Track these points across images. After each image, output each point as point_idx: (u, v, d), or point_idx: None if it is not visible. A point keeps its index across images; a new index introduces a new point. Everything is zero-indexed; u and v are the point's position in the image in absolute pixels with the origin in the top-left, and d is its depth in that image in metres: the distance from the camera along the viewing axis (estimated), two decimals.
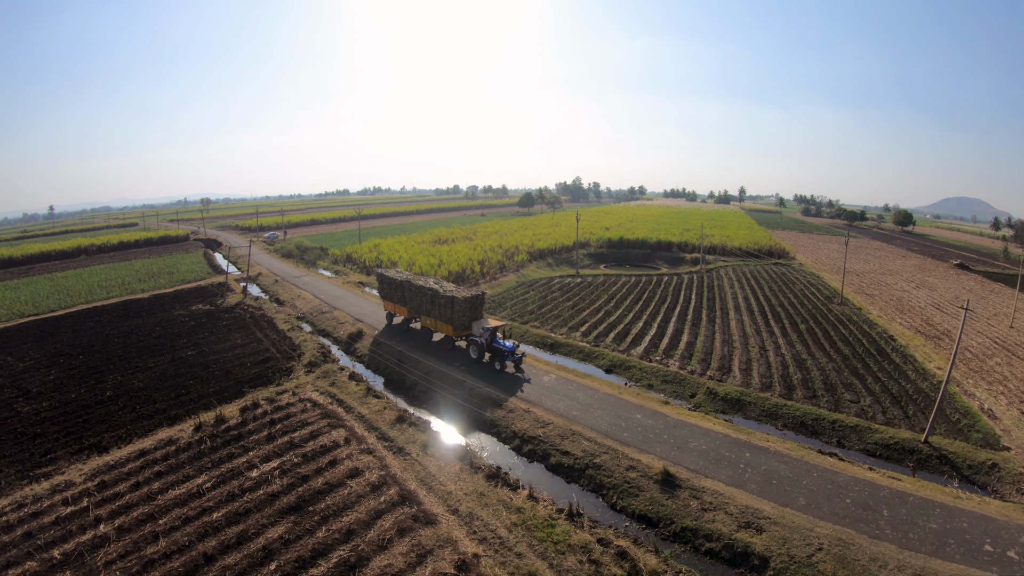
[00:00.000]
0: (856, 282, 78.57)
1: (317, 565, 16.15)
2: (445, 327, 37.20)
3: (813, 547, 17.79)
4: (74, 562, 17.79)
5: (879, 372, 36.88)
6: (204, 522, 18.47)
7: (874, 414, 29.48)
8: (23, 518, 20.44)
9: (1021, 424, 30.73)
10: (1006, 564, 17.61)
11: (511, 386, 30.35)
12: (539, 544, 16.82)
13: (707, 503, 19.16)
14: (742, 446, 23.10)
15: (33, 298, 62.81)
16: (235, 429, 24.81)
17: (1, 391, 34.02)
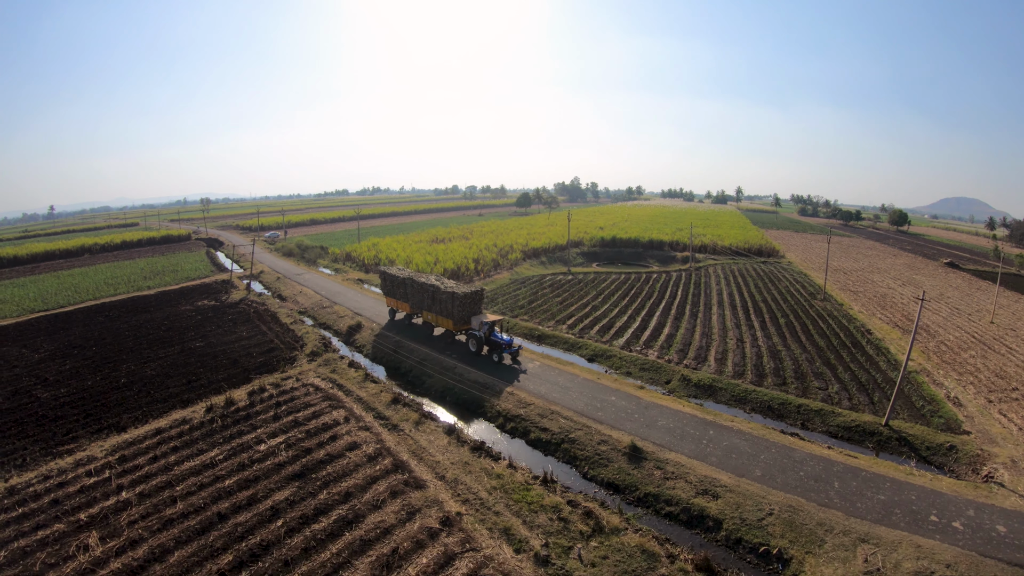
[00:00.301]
0: (843, 279, 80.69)
1: (319, 521, 18.33)
2: (445, 322, 38.87)
3: (764, 512, 19.95)
4: (99, 523, 19.93)
5: (851, 362, 39.05)
6: (217, 488, 20.66)
7: (840, 400, 31.62)
8: (50, 488, 22.57)
9: (985, 411, 32.77)
10: (950, 533, 19.63)
11: (498, 372, 32.60)
12: (515, 504, 19.03)
13: (669, 473, 21.36)
14: (707, 425, 25.33)
15: (41, 295, 64.87)
16: (244, 410, 27.03)
17: (20, 379, 36.08)
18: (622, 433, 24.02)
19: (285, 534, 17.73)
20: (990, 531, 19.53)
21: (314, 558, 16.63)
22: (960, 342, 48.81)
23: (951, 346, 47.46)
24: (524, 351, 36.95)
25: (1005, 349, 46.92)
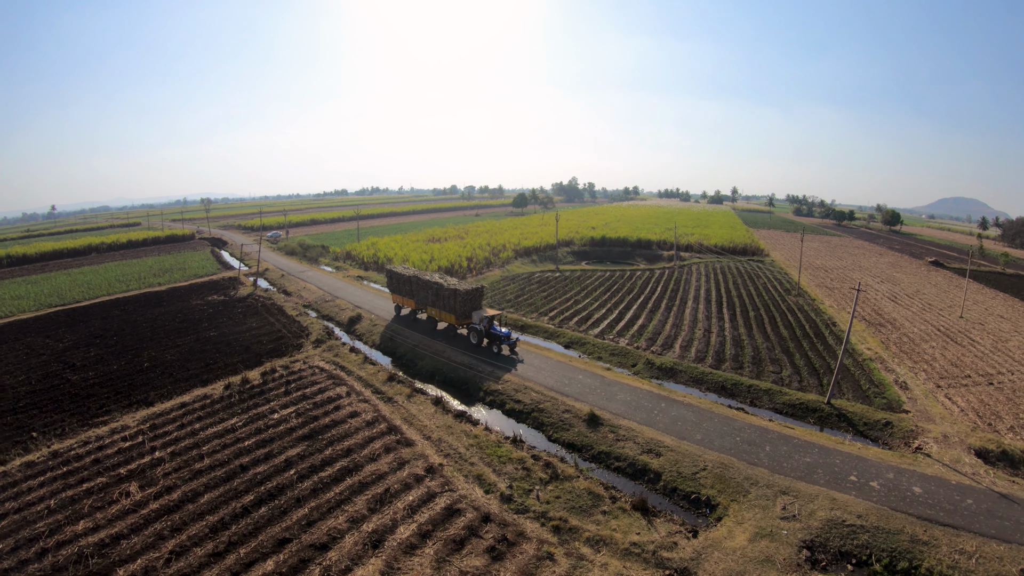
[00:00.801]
0: (822, 277, 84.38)
1: (325, 470, 22.19)
2: (448, 316, 41.96)
3: (699, 467, 23.76)
4: (138, 475, 23.76)
5: (809, 351, 42.78)
6: (238, 447, 24.50)
7: (790, 382, 35.37)
8: (90, 451, 26.37)
9: (930, 395, 36.33)
10: (865, 490, 23.29)
11: (481, 355, 36.51)
12: (487, 458, 22.89)
13: (620, 435, 25.22)
14: (661, 399, 29.20)
15: (56, 291, 68.58)
16: (258, 387, 30.90)
17: (48, 365, 39.87)
18: (584, 404, 27.94)
19: (297, 479, 21.60)
20: (906, 491, 23.12)
21: (321, 496, 20.48)
22: (924, 334, 52.30)
23: (913, 338, 50.94)
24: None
25: (967, 341, 50.43)
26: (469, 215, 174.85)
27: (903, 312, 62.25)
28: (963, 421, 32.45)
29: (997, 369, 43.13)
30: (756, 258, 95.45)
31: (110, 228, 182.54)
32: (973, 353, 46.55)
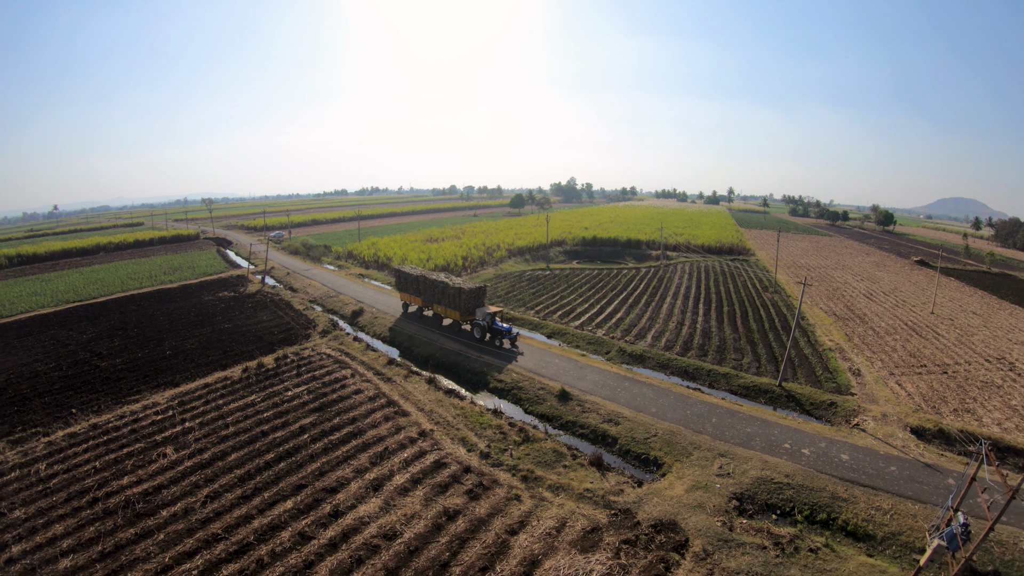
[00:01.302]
0: (804, 275, 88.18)
1: (333, 435, 26.32)
2: (453, 313, 45.13)
3: (650, 434, 27.84)
4: (172, 441, 27.81)
5: (774, 342, 46.76)
6: (258, 417, 28.60)
7: (749, 368, 39.38)
8: (126, 423, 30.42)
9: (881, 381, 40.12)
10: (796, 456, 27.20)
11: (468, 342, 40.62)
12: (471, 425, 27.03)
13: (586, 408, 29.33)
14: (625, 380, 33.31)
15: (71, 287, 72.61)
16: (272, 370, 35.04)
17: (76, 354, 43.89)
18: (557, 383, 32.10)
19: (310, 441, 25.71)
20: (834, 457, 27.05)
21: (330, 454, 24.59)
22: (890, 328, 56.10)
23: (878, 331, 54.78)
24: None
25: (932, 335, 54.21)
26: (467, 215, 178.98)
27: (875, 308, 65.99)
28: (907, 404, 36.23)
29: (955, 360, 46.89)
30: (741, 257, 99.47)
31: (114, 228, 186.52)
32: (935, 345, 50.21)
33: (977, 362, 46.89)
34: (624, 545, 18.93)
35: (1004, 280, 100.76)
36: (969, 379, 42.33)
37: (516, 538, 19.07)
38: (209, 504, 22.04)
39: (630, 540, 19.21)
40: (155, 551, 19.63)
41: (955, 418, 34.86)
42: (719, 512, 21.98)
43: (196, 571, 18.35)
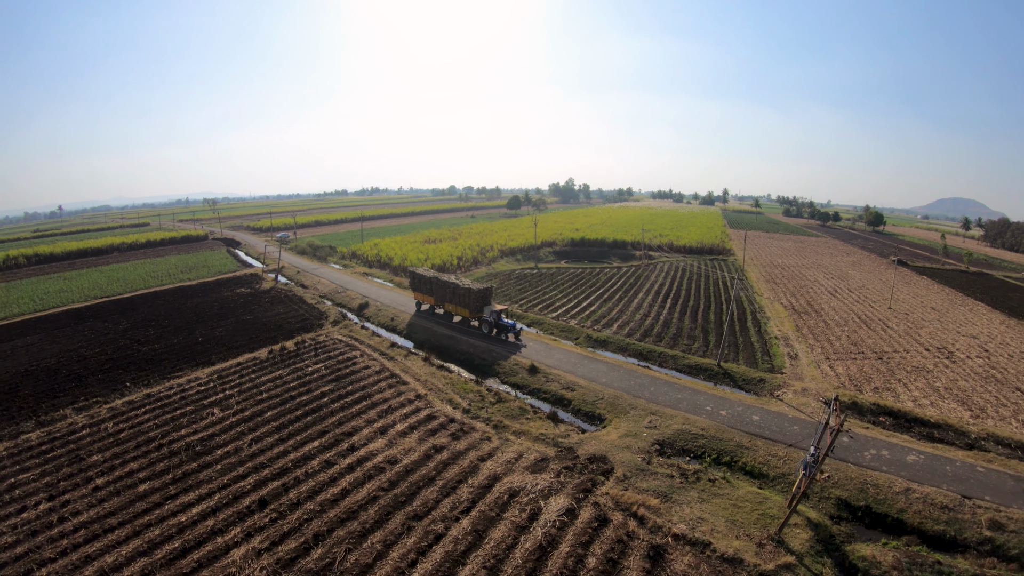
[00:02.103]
0: (777, 273, 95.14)
1: (347, 397, 33.60)
2: (463, 311, 51.09)
3: (598, 397, 35.02)
4: (217, 404, 34.95)
5: (727, 331, 53.84)
6: (286, 386, 35.84)
7: (696, 351, 46.45)
8: (175, 392, 37.53)
9: (814, 364, 46.74)
10: (714, 416, 33.86)
11: (458, 329, 47.74)
12: (457, 390, 34.34)
13: (550, 378, 36.61)
14: (586, 358, 40.61)
15: (95, 285, 79.62)
16: (293, 352, 42.33)
17: (117, 341, 50.96)
18: (528, 360, 39.41)
19: (329, 402, 32.97)
20: (746, 418, 34.08)
21: (346, 411, 31.85)
22: (842, 321, 62.73)
23: (830, 323, 61.46)
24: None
25: (881, 327, 60.74)
26: (465, 217, 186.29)
27: (836, 303, 72.65)
28: (831, 382, 42.97)
29: (895, 348, 53.50)
30: (720, 257, 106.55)
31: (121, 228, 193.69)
32: (880, 336, 56.73)
33: (916, 351, 53.50)
34: (564, 470, 26.11)
35: (978, 279, 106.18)
36: (902, 365, 48.86)
37: (485, 463, 26.28)
38: (254, 445, 29.22)
39: (569, 466, 26.39)
40: (215, 476, 26.77)
41: (872, 394, 41.43)
42: (642, 452, 29.10)
43: (248, 487, 25.46)
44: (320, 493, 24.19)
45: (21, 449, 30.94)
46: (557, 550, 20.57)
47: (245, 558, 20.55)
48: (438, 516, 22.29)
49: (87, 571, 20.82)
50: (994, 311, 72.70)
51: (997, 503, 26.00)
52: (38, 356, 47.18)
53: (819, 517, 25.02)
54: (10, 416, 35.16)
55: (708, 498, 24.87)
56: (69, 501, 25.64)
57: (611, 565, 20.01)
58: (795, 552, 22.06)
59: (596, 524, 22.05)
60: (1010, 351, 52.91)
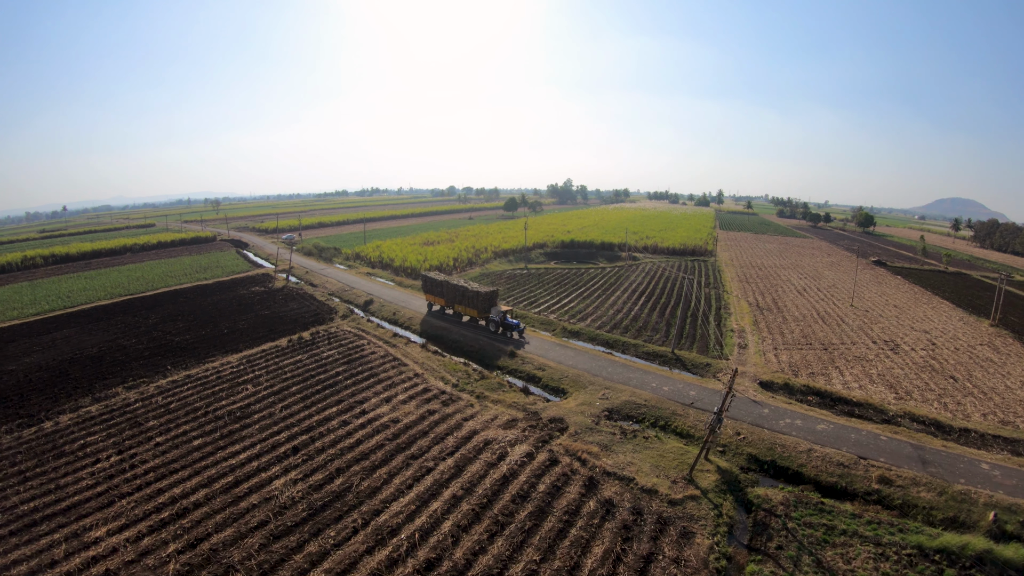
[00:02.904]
0: (752, 273, 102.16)
1: (356, 375, 41.14)
2: (472, 312, 57.53)
3: (564, 376, 42.57)
4: (248, 381, 42.38)
5: (689, 325, 61.07)
6: (305, 368, 43.37)
7: (657, 341, 53.73)
8: (211, 373, 44.92)
9: (759, 353, 53.58)
10: (658, 391, 40.71)
11: (452, 322, 55.21)
12: (448, 370, 41.97)
13: (526, 362, 44.20)
14: (558, 345, 48.24)
15: (117, 284, 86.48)
16: (309, 341, 49.89)
17: (150, 333, 58.27)
18: (510, 347, 46.91)
19: (343, 379, 40.52)
20: (685, 393, 41.22)
21: (357, 385, 39.43)
22: (800, 317, 69.66)
23: (788, 319, 68.43)
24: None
25: (836, 323, 67.53)
26: (463, 218, 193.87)
27: (801, 301, 79.57)
28: (771, 367, 50.16)
29: (842, 341, 60.37)
30: (701, 258, 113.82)
31: (127, 229, 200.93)
32: (833, 330, 63.45)
33: (863, 343, 60.35)
34: (529, 427, 33.58)
35: (953, 278, 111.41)
36: (844, 355, 55.74)
37: (467, 422, 33.79)
38: (284, 411, 36.67)
39: (533, 425, 33.87)
40: (254, 432, 34.16)
41: (807, 379, 48.55)
42: (593, 416, 36.53)
43: (282, 440, 32.82)
44: (339, 443, 31.69)
45: (84, 419, 38.13)
46: (517, 479, 28.03)
47: (284, 485, 27.99)
48: (429, 457, 29.79)
49: (160, 499, 28.10)
50: (956, 308, 78.89)
51: (890, 464, 32.34)
52: (79, 346, 54.34)
53: (729, 466, 32.25)
54: (67, 394, 42.25)
55: (640, 449, 32.29)
56: (136, 454, 32.91)
57: (556, 490, 27.45)
58: (702, 488, 29.34)
59: (548, 463, 29.53)
60: (957, 344, 59.33)
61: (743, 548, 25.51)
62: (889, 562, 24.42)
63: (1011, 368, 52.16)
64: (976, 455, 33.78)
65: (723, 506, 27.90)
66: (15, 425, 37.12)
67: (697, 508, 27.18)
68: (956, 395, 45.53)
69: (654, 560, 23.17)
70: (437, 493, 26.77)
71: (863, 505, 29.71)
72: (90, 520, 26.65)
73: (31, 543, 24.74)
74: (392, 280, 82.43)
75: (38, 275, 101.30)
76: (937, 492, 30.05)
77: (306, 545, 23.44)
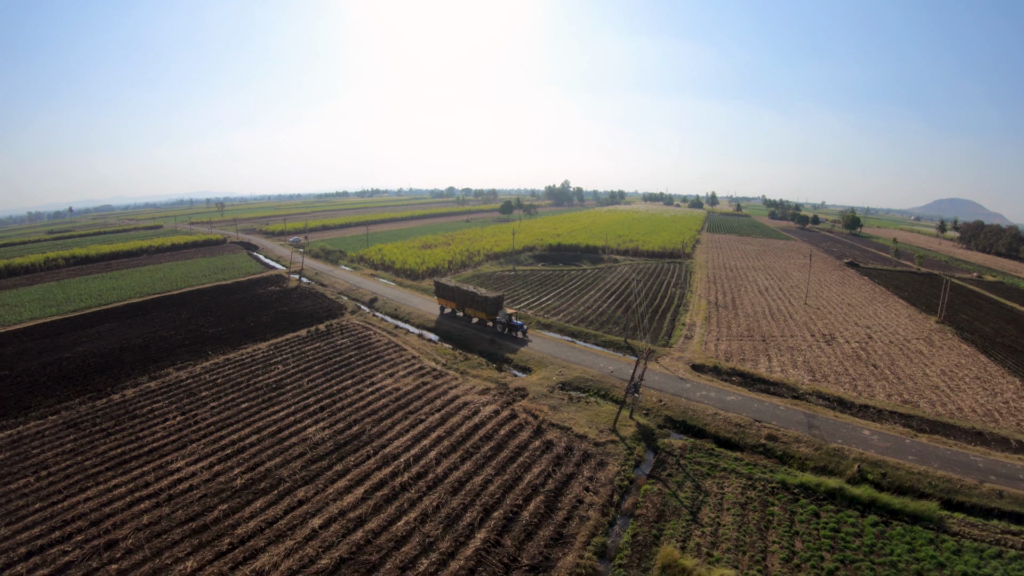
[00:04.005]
0: (722, 274, 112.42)
1: (365, 358, 52.17)
2: (480, 314, 66.83)
3: (531, 358, 53.70)
4: (279, 363, 53.35)
5: (647, 319, 71.88)
6: (324, 352, 54.46)
7: (615, 332, 64.53)
8: (244, 357, 55.85)
9: (701, 343, 63.83)
10: (604, 370, 51.43)
11: (446, 318, 66.27)
12: (439, 353, 53.19)
13: (509, 350, 55.11)
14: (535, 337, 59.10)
15: (143, 283, 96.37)
16: (324, 332, 60.99)
17: (186, 326, 69.03)
18: (489, 336, 57.96)
19: (355, 361, 51.65)
20: (626, 372, 51.91)
21: (367, 365, 50.55)
22: (753, 314, 79.63)
23: (740, 315, 78.51)
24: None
25: (783, 319, 77.54)
26: (460, 221, 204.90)
27: (758, 300, 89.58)
28: (708, 354, 60.36)
29: (782, 334, 70.66)
30: (678, 261, 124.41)
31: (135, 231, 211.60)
32: (777, 325, 73.73)
33: (801, 335, 70.60)
34: (498, 393, 44.57)
35: (921, 279, 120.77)
36: (779, 345, 65.78)
37: (451, 390, 44.85)
38: (309, 384, 47.62)
39: (501, 392, 44.87)
40: (288, 399, 45.07)
41: (737, 363, 58.45)
42: (548, 387, 47.44)
43: (311, 403, 43.71)
44: (354, 404, 42.74)
45: (145, 393, 48.80)
46: (485, 426, 38.99)
47: (315, 431, 38.90)
48: (421, 413, 40.82)
49: (223, 442, 38.87)
50: (909, 307, 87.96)
51: (780, 426, 42.45)
52: (124, 337, 64.87)
53: (648, 423, 42.93)
54: (126, 374, 52.73)
55: (581, 410, 43.23)
56: (196, 415, 43.69)
57: (512, 433, 38.39)
58: (622, 437, 40.11)
59: (509, 417, 40.51)
60: (893, 338, 68.08)
61: (644, 476, 36.24)
62: (755, 490, 34.38)
63: (937, 360, 60.73)
64: (862, 424, 42.58)
65: (636, 449, 38.54)
66: (87, 398, 47.39)
67: (615, 449, 38.01)
68: (870, 380, 54.09)
69: (575, 477, 34.04)
70: (426, 434, 37.77)
71: (750, 455, 39.33)
72: (170, 457, 37.22)
73: (125, 474, 34.98)
74: (393, 281, 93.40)
75: (61, 275, 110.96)
76: (814, 448, 39.59)
77: (334, 465, 34.41)
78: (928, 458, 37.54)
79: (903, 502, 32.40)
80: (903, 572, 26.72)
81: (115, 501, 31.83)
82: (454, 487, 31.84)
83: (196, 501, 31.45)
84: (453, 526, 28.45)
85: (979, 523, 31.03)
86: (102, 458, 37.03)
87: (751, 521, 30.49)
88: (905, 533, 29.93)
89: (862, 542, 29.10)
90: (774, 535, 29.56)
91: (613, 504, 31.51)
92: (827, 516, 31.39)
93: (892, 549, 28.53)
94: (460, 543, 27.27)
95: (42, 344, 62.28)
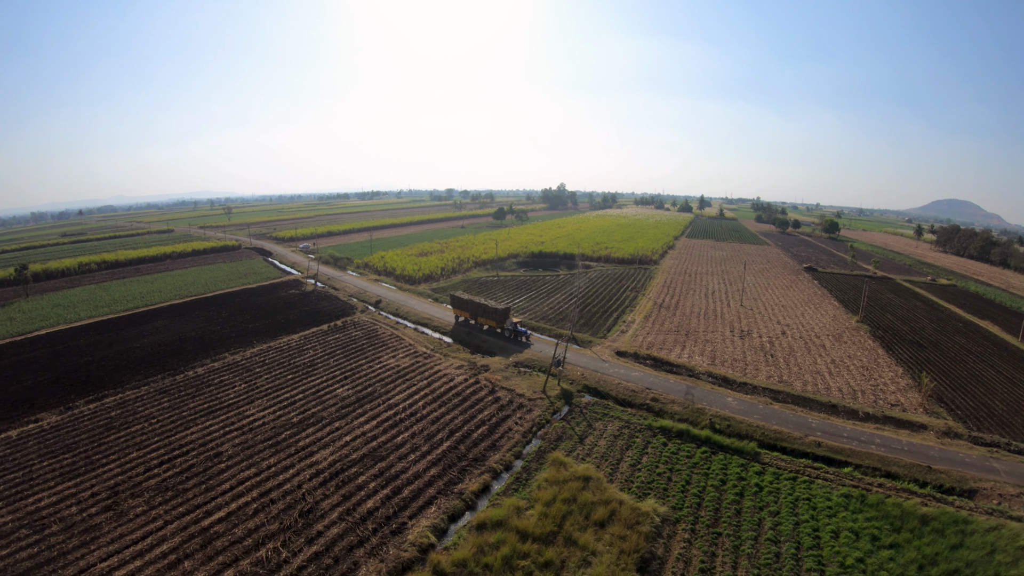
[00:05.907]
0: (677, 279, 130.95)
1: (373, 348, 72.46)
2: (491, 322, 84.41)
3: (497, 347, 73.73)
4: (310, 349, 73.64)
5: (599, 316, 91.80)
6: (344, 342, 74.85)
7: (566, 326, 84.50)
8: (281, 345, 76.17)
9: (638, 336, 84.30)
10: (546, 354, 71.21)
11: (443, 316, 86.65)
12: (430, 343, 73.71)
13: (477, 338, 75.40)
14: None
15: (180, 287, 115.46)
16: (340, 327, 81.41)
17: (229, 322, 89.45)
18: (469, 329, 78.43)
19: (366, 347, 72.04)
20: (559, 356, 72.00)
21: (376, 351, 70.96)
22: (689, 313, 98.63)
23: (677, 314, 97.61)
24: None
25: (712, 318, 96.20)
26: (455, 227, 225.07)
27: (699, 302, 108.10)
28: (634, 344, 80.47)
29: (704, 330, 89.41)
30: (645, 266, 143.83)
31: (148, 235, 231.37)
32: (703, 323, 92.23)
33: (720, 331, 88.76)
34: (469, 369, 64.83)
35: (875, 283, 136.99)
36: (697, 339, 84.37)
37: (437, 367, 65.21)
38: (334, 363, 67.85)
39: (471, 368, 65.18)
40: (321, 372, 65.26)
41: (654, 351, 78.13)
42: (505, 365, 67.56)
43: (338, 374, 63.89)
44: (369, 375, 63.10)
45: (211, 371, 68.93)
46: (457, 387, 59.33)
47: (342, 391, 59.11)
48: (414, 380, 61.17)
49: (280, 399, 58.86)
50: (840, 308, 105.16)
51: (664, 392, 62.13)
52: (179, 331, 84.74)
53: (569, 388, 62.74)
54: (191, 358, 72.54)
55: (524, 379, 63.43)
56: (255, 383, 63.78)
57: (474, 393, 58.64)
58: (549, 396, 60.10)
59: (474, 383, 60.77)
60: (803, 335, 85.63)
61: (558, 419, 56.16)
62: (629, 429, 53.85)
63: (834, 352, 76.90)
64: (731, 394, 61.32)
65: (556, 404, 58.54)
66: (166, 374, 67.17)
67: (542, 403, 58.10)
68: (760, 365, 72.92)
69: (510, 417, 54.16)
70: (417, 392, 58.10)
71: (636, 410, 58.95)
72: (244, 409, 57.18)
73: (215, 418, 54.59)
74: (394, 285, 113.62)
75: (96, 279, 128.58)
76: (683, 407, 59.31)
77: (356, 410, 54.68)
78: (770, 418, 55.11)
79: (731, 441, 49.86)
80: (711, 479, 44.12)
81: (213, 433, 51.35)
82: (432, 421, 52.16)
83: (269, 430, 51.53)
84: (430, 440, 48.71)
85: (788, 460, 47.13)
86: (194, 411, 56.57)
87: (618, 445, 50.03)
88: (725, 459, 47.56)
89: (691, 461, 47.06)
90: (631, 453, 48.78)
91: (532, 432, 51.68)
92: (673, 446, 49.53)
93: (710, 467, 45.67)
94: (433, 447, 47.56)
95: (109, 337, 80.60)
